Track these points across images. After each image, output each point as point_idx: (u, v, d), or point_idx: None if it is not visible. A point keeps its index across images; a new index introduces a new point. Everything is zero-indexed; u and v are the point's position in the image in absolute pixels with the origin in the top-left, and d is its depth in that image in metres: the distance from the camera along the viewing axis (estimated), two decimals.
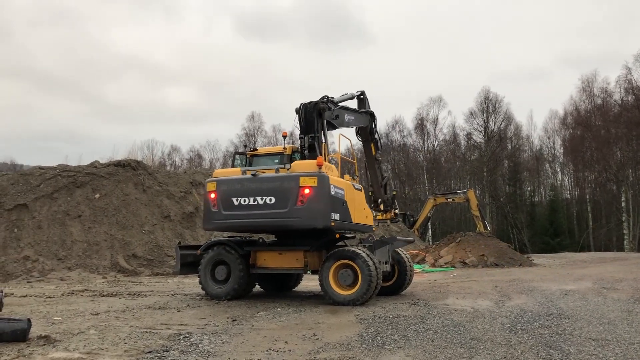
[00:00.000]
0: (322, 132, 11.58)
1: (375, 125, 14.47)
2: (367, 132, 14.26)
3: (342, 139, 12.44)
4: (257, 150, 12.54)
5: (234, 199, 10.86)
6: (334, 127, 12.24)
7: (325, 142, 11.57)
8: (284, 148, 12.14)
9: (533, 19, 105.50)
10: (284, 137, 12.97)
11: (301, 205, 10.32)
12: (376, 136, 14.55)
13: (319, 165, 10.52)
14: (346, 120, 12.64)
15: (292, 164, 10.99)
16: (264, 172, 10.98)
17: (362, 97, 14.31)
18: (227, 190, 10.98)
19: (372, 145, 14.50)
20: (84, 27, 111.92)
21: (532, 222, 57.37)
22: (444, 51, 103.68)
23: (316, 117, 11.57)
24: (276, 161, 11.99)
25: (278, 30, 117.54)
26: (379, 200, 14.66)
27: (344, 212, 10.99)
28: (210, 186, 11.22)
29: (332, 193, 10.54)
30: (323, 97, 11.96)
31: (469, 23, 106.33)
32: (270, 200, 10.57)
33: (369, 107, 14.30)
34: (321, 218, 10.38)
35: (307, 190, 10.32)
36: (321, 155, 11.05)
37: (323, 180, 10.40)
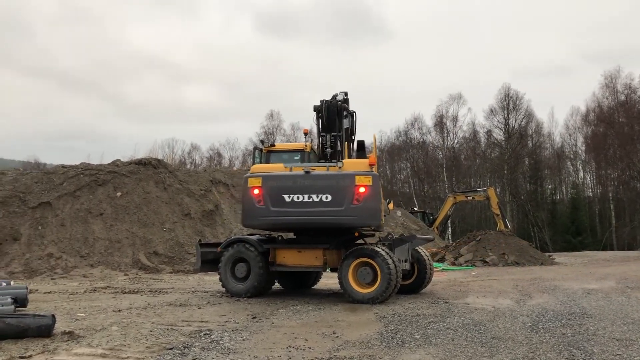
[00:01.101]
0: (344, 131, 11.67)
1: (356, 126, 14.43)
2: (348, 134, 14.27)
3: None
4: (274, 146, 12.55)
5: (286, 196, 10.53)
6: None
7: (346, 141, 11.67)
8: (305, 145, 12.15)
9: (555, 13, 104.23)
10: (305, 134, 12.65)
11: (357, 204, 10.37)
12: (353, 137, 14.50)
13: (371, 165, 10.67)
14: (347, 121, 12.66)
15: (343, 162, 10.80)
16: (314, 170, 10.80)
17: (346, 97, 14.24)
18: (278, 187, 10.63)
19: (349, 145, 14.46)
20: (104, 26, 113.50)
21: (553, 221, 56.65)
22: (465, 46, 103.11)
23: (337, 116, 11.62)
24: (296, 158, 12.00)
25: (297, 27, 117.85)
26: None
27: (384, 210, 11.42)
28: (254, 182, 10.75)
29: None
30: (335, 96, 12.02)
31: (491, 18, 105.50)
32: (327, 198, 10.44)
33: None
34: (376, 217, 10.60)
35: (362, 189, 10.36)
36: (342, 155, 11.21)
37: (376, 180, 10.57)
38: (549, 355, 6.07)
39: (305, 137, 12.56)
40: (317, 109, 11.96)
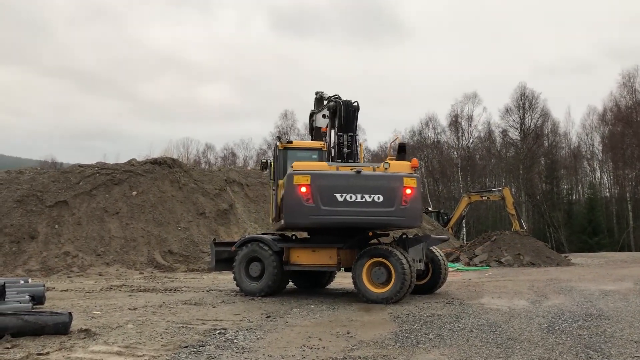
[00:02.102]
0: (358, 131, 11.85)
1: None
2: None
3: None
4: (291, 142, 12.54)
5: (338, 195, 10.40)
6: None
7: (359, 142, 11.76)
8: (322, 144, 12.15)
9: (577, 9, 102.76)
10: (324, 132, 12.57)
11: (405, 205, 10.55)
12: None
13: (414, 167, 10.83)
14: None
15: (390, 164, 10.84)
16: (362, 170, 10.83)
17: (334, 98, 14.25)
18: (329, 186, 10.49)
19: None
20: (121, 25, 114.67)
21: (569, 221, 56.07)
22: (483, 44, 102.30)
23: (352, 116, 11.69)
24: (314, 156, 11.98)
25: (313, 25, 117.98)
26: None
27: None
28: (302, 179, 10.48)
29: None
30: (335, 96, 12.04)
31: (510, 14, 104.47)
32: (379, 198, 10.48)
33: None
34: (419, 218, 11.11)
35: (408, 191, 10.56)
36: (356, 155, 11.40)
37: (419, 182, 10.82)
38: (566, 357, 6.01)
39: (324, 135, 12.50)
40: (331, 109, 11.95)
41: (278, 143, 12.41)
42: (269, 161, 13.05)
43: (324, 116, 12.51)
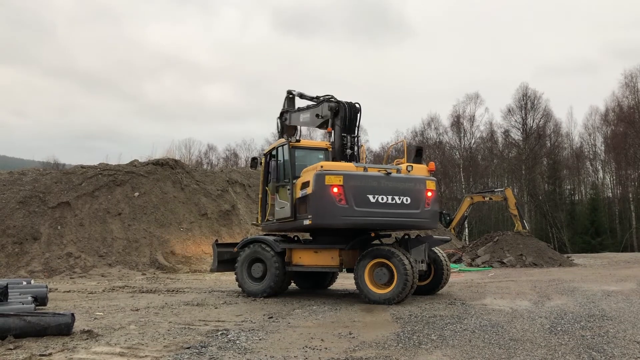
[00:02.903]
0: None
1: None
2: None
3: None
4: (299, 141, 12.52)
5: (370, 196, 10.48)
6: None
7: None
8: (328, 145, 12.15)
9: (581, 9, 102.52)
10: (329, 132, 12.26)
11: (428, 207, 11.01)
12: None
13: (431, 171, 11.32)
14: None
15: (413, 166, 11.14)
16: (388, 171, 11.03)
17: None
18: (362, 187, 10.51)
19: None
20: (122, 25, 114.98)
21: (572, 222, 55.96)
22: (486, 44, 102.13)
23: (355, 117, 11.72)
24: (321, 156, 11.96)
25: (315, 25, 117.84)
26: None
27: None
28: (334, 179, 10.40)
29: None
30: (329, 96, 12.06)
31: (512, 14, 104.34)
32: (407, 200, 10.77)
33: None
34: (438, 220, 11.38)
35: (430, 193, 11.02)
36: (359, 157, 11.48)
37: (437, 185, 11.33)
38: (568, 358, 6.00)
39: (330, 136, 12.40)
40: (333, 109, 11.94)
41: (288, 140, 12.21)
42: (259, 159, 13.04)
43: (317, 115, 12.33)
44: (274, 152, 12.55)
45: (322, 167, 10.55)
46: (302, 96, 13.37)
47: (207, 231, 23.30)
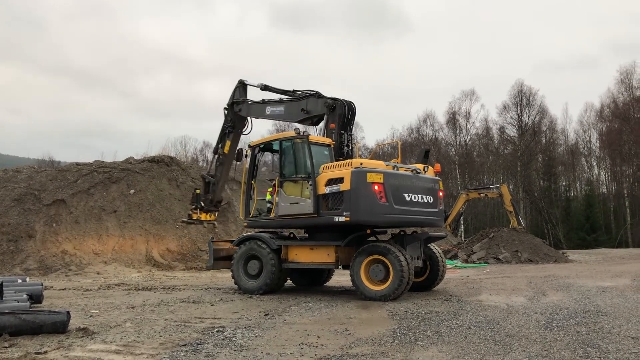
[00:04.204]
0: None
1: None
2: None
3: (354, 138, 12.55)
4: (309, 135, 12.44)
5: (406, 195, 10.75)
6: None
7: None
8: (332, 141, 12.10)
9: (578, 4, 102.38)
10: (333, 129, 12.04)
11: (441, 206, 11.76)
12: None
13: (437, 172, 11.92)
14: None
15: (428, 167, 11.66)
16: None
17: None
18: (400, 185, 10.69)
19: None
20: (117, 21, 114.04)
21: (567, 218, 56.14)
22: (482, 41, 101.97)
23: (351, 115, 11.78)
24: (326, 152, 11.92)
25: (313, 20, 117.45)
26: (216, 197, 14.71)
27: None
28: (375, 177, 10.40)
29: None
30: (314, 92, 12.13)
31: (510, 11, 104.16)
32: (430, 199, 11.31)
33: None
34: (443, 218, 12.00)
35: (440, 193, 11.69)
36: (354, 154, 11.72)
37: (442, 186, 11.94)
38: (563, 354, 6.02)
39: (333, 133, 12.24)
40: (330, 106, 11.92)
41: (306, 134, 11.71)
42: (244, 151, 12.86)
43: (302, 110, 12.18)
44: (274, 146, 12.33)
45: (361, 164, 10.61)
46: (266, 88, 13.19)
47: (203, 228, 23.25)
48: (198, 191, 14.70)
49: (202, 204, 14.54)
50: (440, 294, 11.49)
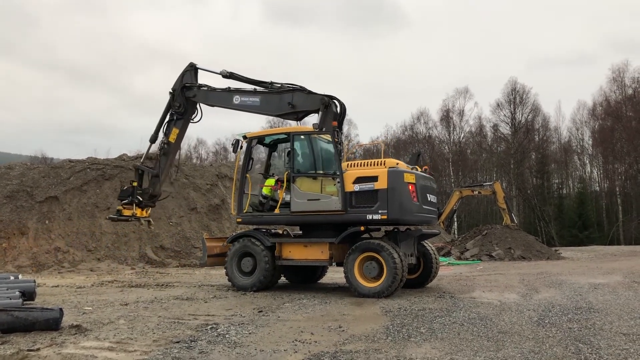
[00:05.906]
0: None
1: None
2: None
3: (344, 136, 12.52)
4: None
5: (428, 195, 11.55)
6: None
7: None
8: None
9: (574, 2, 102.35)
10: (335, 127, 11.66)
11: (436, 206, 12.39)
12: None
13: (430, 174, 12.50)
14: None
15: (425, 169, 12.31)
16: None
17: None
18: (424, 186, 11.46)
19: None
20: (108, 16, 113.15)
21: (560, 215, 56.42)
22: (477, 38, 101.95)
23: (343, 114, 11.80)
24: (332, 150, 11.86)
25: (308, 14, 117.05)
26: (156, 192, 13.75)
27: None
28: (410, 178, 10.83)
29: None
30: (298, 86, 11.99)
31: (505, 9, 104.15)
32: (435, 199, 12.14)
33: None
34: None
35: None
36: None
37: None
38: (556, 350, 6.06)
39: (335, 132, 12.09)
40: (325, 103, 11.89)
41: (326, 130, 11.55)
42: (240, 142, 12.40)
43: (289, 104, 12.00)
44: (281, 139, 12.49)
45: (397, 164, 11.12)
46: (232, 76, 12.62)
47: (197, 225, 23.22)
48: (135, 184, 13.31)
49: (140, 199, 13.19)
50: (433, 291, 11.53)
